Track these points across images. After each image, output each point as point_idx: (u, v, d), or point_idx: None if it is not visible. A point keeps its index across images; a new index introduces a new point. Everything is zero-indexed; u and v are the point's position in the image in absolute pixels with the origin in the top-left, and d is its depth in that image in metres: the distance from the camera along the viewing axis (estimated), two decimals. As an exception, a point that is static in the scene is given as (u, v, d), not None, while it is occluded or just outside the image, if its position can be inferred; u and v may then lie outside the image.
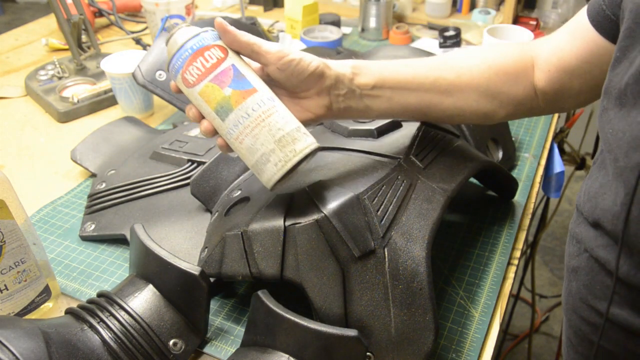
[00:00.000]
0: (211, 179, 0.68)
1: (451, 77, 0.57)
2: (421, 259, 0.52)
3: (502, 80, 0.58)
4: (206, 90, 0.50)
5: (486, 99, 0.58)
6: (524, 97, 0.59)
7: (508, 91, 0.59)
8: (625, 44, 0.44)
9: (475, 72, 0.58)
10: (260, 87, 0.51)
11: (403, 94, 0.56)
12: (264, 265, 0.53)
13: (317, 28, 1.23)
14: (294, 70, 0.52)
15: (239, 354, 0.53)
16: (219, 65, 0.50)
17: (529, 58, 0.59)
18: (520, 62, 0.59)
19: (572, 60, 0.56)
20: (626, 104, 0.43)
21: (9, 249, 0.55)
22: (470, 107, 0.58)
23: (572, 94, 0.59)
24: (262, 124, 0.50)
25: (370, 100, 0.56)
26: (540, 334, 1.74)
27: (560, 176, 0.91)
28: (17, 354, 0.44)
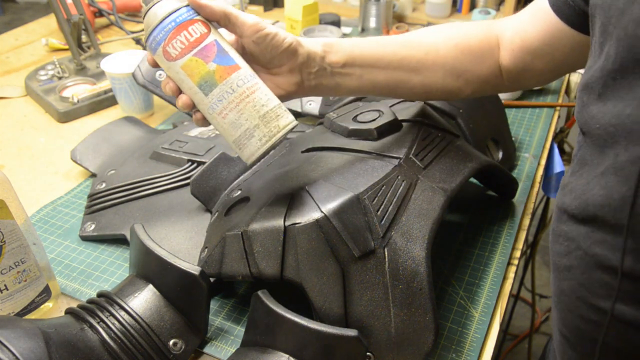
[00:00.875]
0: (211, 179, 0.68)
1: (419, 55, 0.59)
2: (421, 259, 0.52)
3: (468, 58, 0.60)
4: (190, 64, 0.50)
5: (452, 77, 0.60)
6: (488, 75, 0.61)
7: (474, 69, 0.60)
8: (602, 39, 0.44)
9: (443, 51, 0.59)
10: (242, 64, 0.51)
11: (372, 72, 0.58)
12: (264, 265, 0.53)
13: (317, 28, 1.23)
14: (269, 44, 0.52)
15: (239, 354, 0.53)
16: (203, 40, 0.50)
17: (494, 37, 0.61)
18: (485, 40, 0.61)
19: (534, 42, 0.58)
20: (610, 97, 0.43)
21: (9, 249, 0.55)
22: (437, 84, 0.60)
23: (534, 73, 0.61)
24: (247, 100, 0.50)
25: (340, 77, 0.57)
26: (540, 334, 1.74)
27: (560, 176, 0.91)
28: (17, 354, 0.44)
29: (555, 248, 0.52)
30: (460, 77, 0.60)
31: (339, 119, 0.67)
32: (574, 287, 0.50)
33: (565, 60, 0.58)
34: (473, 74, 0.60)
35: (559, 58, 0.58)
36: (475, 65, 0.60)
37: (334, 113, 0.70)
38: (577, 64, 0.60)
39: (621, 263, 0.44)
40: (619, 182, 0.43)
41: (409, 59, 0.58)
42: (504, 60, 0.60)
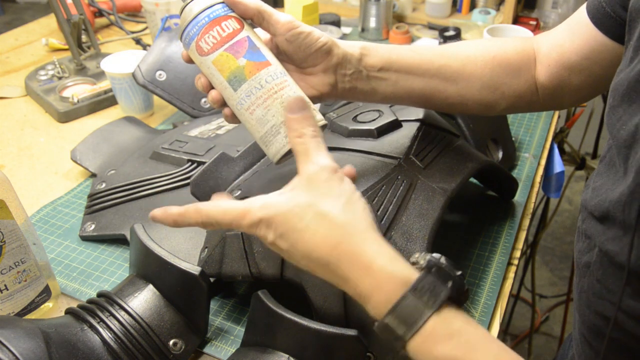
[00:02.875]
0: (211, 179, 0.68)
1: (456, 65, 0.58)
2: (421, 259, 0.52)
3: (505, 72, 0.59)
4: (220, 59, 0.50)
5: (488, 90, 0.59)
6: (524, 91, 0.60)
7: (510, 83, 0.59)
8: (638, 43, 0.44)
9: (480, 62, 0.58)
10: (273, 61, 0.51)
11: (409, 79, 0.57)
12: (264, 265, 0.53)
13: (317, 28, 1.23)
14: (302, 42, 0.52)
15: (239, 354, 0.53)
16: (235, 36, 0.50)
17: (531, 52, 0.60)
18: (522, 55, 0.60)
19: (571, 56, 0.57)
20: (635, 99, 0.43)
21: (9, 249, 0.55)
22: (473, 96, 0.59)
23: (571, 89, 0.59)
24: (275, 96, 0.50)
25: (376, 82, 0.56)
26: (540, 334, 1.74)
27: (560, 176, 0.91)
28: (17, 354, 0.44)
29: (578, 246, 0.52)
30: (497, 91, 0.59)
31: (339, 119, 0.67)
32: (592, 284, 0.50)
33: (604, 74, 0.57)
34: (509, 87, 0.59)
35: (598, 72, 0.57)
36: (512, 79, 0.59)
37: (334, 113, 0.70)
38: None
39: (628, 259, 0.44)
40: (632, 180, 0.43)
41: (446, 68, 0.58)
42: (540, 75, 0.59)
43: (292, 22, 0.52)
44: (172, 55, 0.90)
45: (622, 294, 0.46)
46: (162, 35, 0.93)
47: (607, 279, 0.48)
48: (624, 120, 0.44)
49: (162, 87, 0.88)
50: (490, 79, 0.59)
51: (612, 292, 0.48)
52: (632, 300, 0.46)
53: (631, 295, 0.46)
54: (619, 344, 0.49)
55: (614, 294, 0.47)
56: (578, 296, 0.53)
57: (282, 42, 0.52)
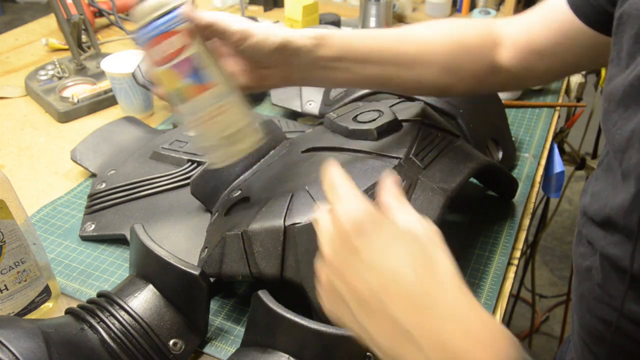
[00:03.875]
0: (211, 179, 0.68)
1: (413, 50, 0.58)
2: (421, 259, 0.52)
3: (463, 55, 0.60)
4: (165, 73, 0.50)
5: (446, 73, 0.60)
6: (482, 73, 0.61)
7: (468, 66, 0.60)
8: (634, 49, 0.43)
9: (438, 46, 0.59)
10: (219, 81, 0.50)
11: (365, 67, 0.57)
12: (264, 265, 0.53)
13: (317, 28, 1.23)
14: (257, 50, 0.53)
15: (239, 354, 0.53)
16: (180, 54, 0.49)
17: (492, 35, 0.61)
18: (482, 38, 0.60)
19: (542, 41, 0.58)
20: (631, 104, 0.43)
21: (9, 249, 0.55)
22: (429, 80, 0.60)
23: (537, 73, 0.61)
24: (213, 120, 0.50)
25: (330, 71, 0.57)
26: (540, 334, 1.74)
27: (560, 176, 0.91)
28: (17, 354, 0.44)
29: (578, 251, 0.52)
30: (454, 74, 0.60)
31: (339, 119, 0.67)
32: (593, 289, 0.50)
33: (575, 61, 0.58)
34: (467, 71, 0.60)
35: (569, 59, 0.58)
36: (470, 63, 0.60)
37: (334, 113, 0.70)
38: (588, 65, 0.60)
39: (631, 264, 0.44)
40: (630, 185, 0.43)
41: (403, 54, 0.58)
42: (504, 59, 0.60)
43: (245, 32, 0.52)
44: (172, 55, 0.90)
45: (624, 299, 0.46)
46: (162, 35, 0.93)
47: (608, 283, 0.48)
48: (619, 125, 0.44)
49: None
50: (448, 62, 0.59)
51: (613, 297, 0.47)
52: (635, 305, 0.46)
53: (633, 300, 0.46)
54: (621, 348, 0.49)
55: (615, 299, 0.47)
56: (578, 300, 0.53)
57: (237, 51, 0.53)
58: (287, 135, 0.76)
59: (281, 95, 0.95)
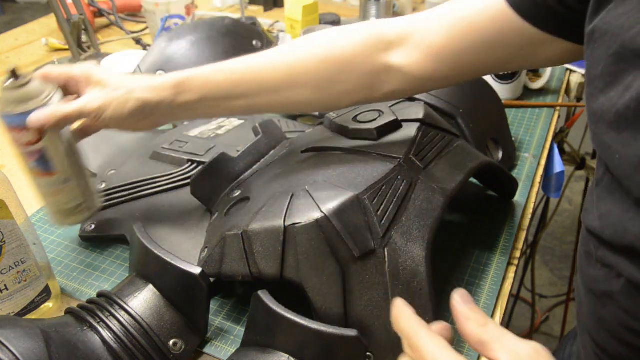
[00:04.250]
0: (211, 179, 0.68)
1: (282, 75, 0.57)
2: (421, 259, 0.52)
3: (338, 70, 0.57)
4: (17, 154, 0.58)
5: (321, 91, 0.58)
6: (365, 83, 0.58)
7: (347, 80, 0.58)
8: (615, 69, 0.43)
9: (308, 66, 0.57)
10: (61, 170, 0.58)
11: (230, 101, 0.58)
12: (264, 265, 0.53)
13: (317, 28, 1.23)
14: (115, 119, 0.57)
15: (239, 354, 0.53)
16: (30, 146, 0.56)
17: (380, 40, 0.58)
18: (360, 48, 0.57)
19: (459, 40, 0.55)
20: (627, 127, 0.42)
21: (9, 249, 0.55)
22: (304, 100, 0.59)
23: (439, 77, 0.58)
24: (51, 198, 0.61)
25: (194, 111, 0.59)
26: (540, 334, 1.74)
27: (560, 176, 0.91)
28: (17, 354, 0.44)
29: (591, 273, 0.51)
30: (331, 90, 0.58)
31: (339, 119, 0.67)
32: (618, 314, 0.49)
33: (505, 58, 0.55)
34: (347, 84, 0.58)
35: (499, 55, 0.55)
36: (348, 76, 0.57)
37: (334, 113, 0.70)
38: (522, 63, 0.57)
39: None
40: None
41: (271, 81, 0.57)
42: (403, 61, 0.57)
43: (100, 109, 0.56)
44: (172, 55, 0.90)
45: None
46: (162, 35, 0.93)
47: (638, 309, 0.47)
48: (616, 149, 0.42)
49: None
50: (321, 81, 0.57)
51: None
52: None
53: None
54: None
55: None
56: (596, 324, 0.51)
57: (100, 125, 0.59)
58: (287, 135, 0.76)
59: (281, 95, 0.95)
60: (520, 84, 1.02)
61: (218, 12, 1.42)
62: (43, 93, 0.55)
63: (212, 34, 0.94)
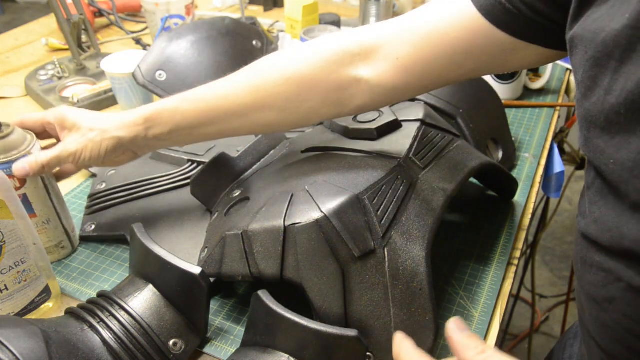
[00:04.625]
0: (211, 179, 0.68)
1: (248, 99, 0.58)
2: (421, 259, 0.52)
3: (303, 89, 0.57)
4: None
5: (288, 111, 0.58)
6: (336, 99, 0.58)
7: (313, 98, 0.57)
8: (593, 73, 0.43)
9: (274, 88, 0.57)
10: (41, 214, 0.63)
11: (201, 129, 0.60)
12: (264, 265, 0.53)
13: (317, 28, 1.23)
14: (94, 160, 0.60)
15: (239, 354, 0.53)
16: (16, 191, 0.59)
17: (345, 54, 0.56)
18: (329, 63, 0.56)
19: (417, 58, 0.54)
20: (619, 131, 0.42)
21: (9, 249, 0.55)
22: (273, 122, 0.59)
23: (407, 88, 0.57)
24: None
25: (169, 141, 0.62)
26: (540, 334, 1.74)
27: (560, 176, 0.91)
28: (17, 354, 0.44)
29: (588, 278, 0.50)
30: (299, 109, 0.58)
31: (339, 119, 0.67)
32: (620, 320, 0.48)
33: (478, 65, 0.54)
34: (313, 103, 0.58)
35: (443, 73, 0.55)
36: (312, 94, 0.57)
37: (334, 113, 0.70)
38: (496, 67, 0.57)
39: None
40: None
41: (236, 107, 0.58)
42: (372, 75, 0.56)
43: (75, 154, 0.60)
44: (172, 55, 0.90)
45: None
46: (162, 35, 0.93)
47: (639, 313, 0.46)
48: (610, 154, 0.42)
49: (162, 87, 0.88)
50: (288, 101, 0.58)
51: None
52: None
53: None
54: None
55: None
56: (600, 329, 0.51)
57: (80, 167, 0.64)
58: (287, 135, 0.76)
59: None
60: (520, 84, 1.02)
61: (218, 12, 1.43)
62: (25, 142, 0.60)
63: (212, 34, 0.94)
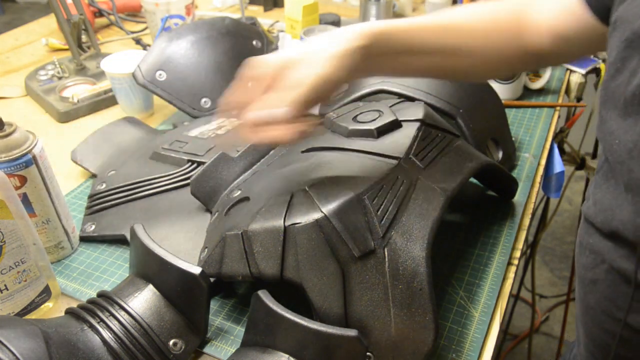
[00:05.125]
0: (211, 179, 0.68)
1: (457, 41, 0.58)
2: (421, 259, 0.52)
3: (498, 40, 0.59)
4: None
5: (484, 60, 0.60)
6: (515, 57, 0.61)
7: (505, 52, 0.60)
8: (625, 54, 0.43)
9: (477, 34, 0.59)
10: (40, 214, 0.63)
11: (415, 59, 0.57)
12: (264, 265, 0.53)
13: (317, 28, 1.23)
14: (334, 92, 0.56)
15: (239, 354, 0.53)
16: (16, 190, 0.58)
17: (523, 18, 0.60)
18: (514, 22, 0.60)
19: (568, 27, 0.57)
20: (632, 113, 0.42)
21: (9, 249, 0.55)
22: (466, 68, 0.60)
23: (563, 56, 0.62)
24: None
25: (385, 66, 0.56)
26: (540, 334, 1.74)
27: (560, 176, 0.91)
28: (17, 354, 0.44)
29: (582, 260, 0.51)
30: (490, 60, 0.60)
31: (339, 119, 0.67)
32: (600, 301, 0.49)
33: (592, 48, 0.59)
34: (502, 56, 0.60)
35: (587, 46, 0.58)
36: (504, 48, 0.60)
37: (334, 113, 0.70)
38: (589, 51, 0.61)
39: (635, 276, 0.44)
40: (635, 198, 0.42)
41: (450, 45, 0.58)
42: (534, 41, 0.59)
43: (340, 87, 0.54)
44: (172, 55, 0.90)
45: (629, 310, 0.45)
46: (162, 35, 0.93)
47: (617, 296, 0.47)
48: (617, 134, 0.43)
49: (162, 87, 0.88)
50: (486, 49, 0.59)
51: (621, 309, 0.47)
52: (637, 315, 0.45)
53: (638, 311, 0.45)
54: (622, 358, 0.49)
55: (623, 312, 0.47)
56: (583, 312, 0.52)
57: None
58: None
59: (281, 95, 0.95)
60: (520, 84, 1.02)
61: (218, 12, 1.43)
62: (27, 141, 0.60)
63: (212, 34, 0.94)
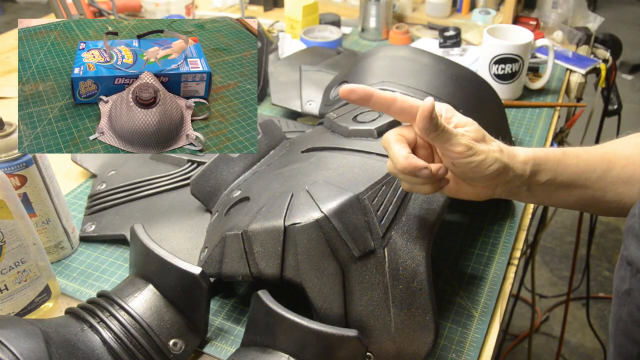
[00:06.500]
0: (211, 179, 0.68)
1: (617, 170, 0.54)
2: (421, 259, 0.52)
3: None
4: None
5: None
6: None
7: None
8: None
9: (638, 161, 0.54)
10: (40, 214, 0.63)
11: (568, 190, 0.54)
12: (264, 265, 0.53)
13: (317, 28, 1.23)
14: (469, 169, 0.49)
15: (239, 354, 0.53)
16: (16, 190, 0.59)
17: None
18: None
19: None
20: None
21: (9, 249, 0.55)
22: (631, 199, 0.55)
23: None
24: None
25: (534, 193, 0.54)
26: (540, 334, 1.74)
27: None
28: (17, 354, 0.44)
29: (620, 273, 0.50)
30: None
31: (339, 119, 0.67)
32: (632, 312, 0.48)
33: None
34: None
35: None
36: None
37: (334, 113, 0.70)
38: None
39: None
40: None
41: (608, 174, 0.54)
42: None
43: (468, 151, 0.48)
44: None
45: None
46: (162, 35, 0.93)
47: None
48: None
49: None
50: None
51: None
52: None
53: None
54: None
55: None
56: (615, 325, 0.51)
57: (448, 163, 0.49)
58: (287, 135, 0.76)
59: (281, 95, 0.95)
60: (520, 84, 1.02)
61: (218, 12, 1.43)
62: None
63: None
